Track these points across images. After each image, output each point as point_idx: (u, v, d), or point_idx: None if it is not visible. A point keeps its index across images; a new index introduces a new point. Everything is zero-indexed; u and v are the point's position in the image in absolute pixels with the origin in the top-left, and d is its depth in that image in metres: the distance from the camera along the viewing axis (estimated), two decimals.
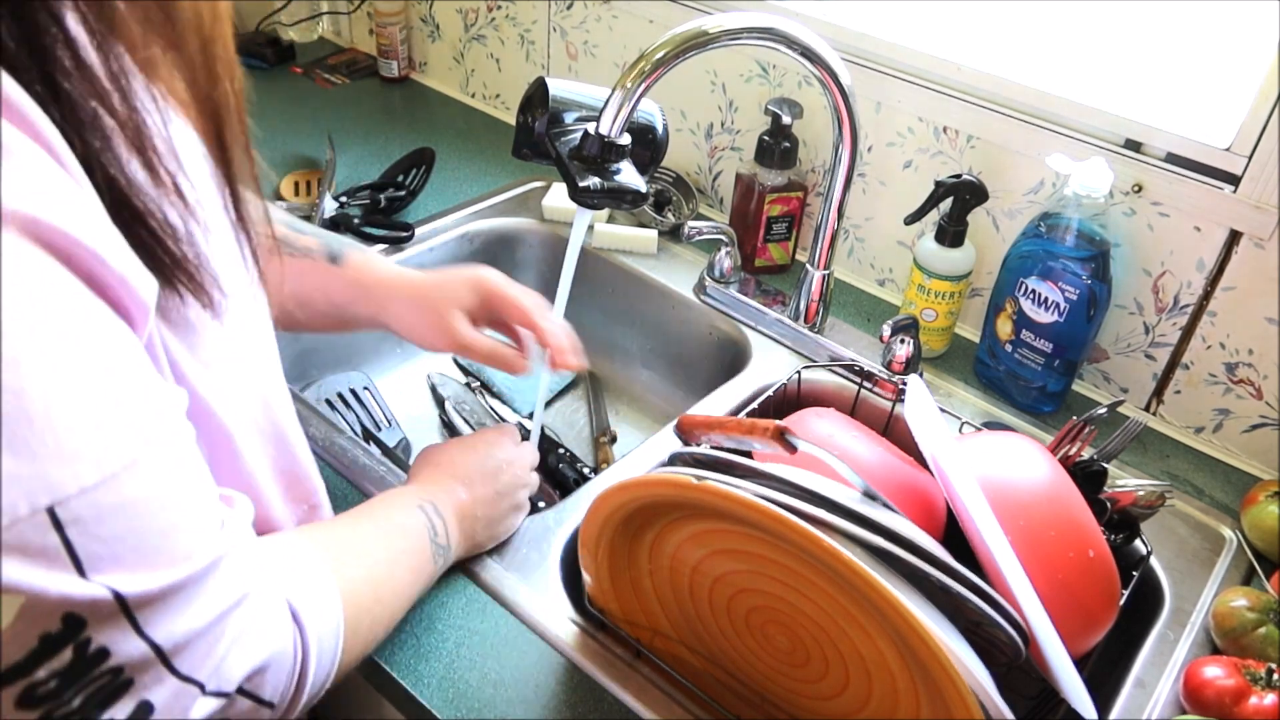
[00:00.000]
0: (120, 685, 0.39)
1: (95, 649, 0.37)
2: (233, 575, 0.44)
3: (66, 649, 0.37)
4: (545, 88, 0.81)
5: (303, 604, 0.49)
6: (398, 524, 0.67)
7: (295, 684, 0.48)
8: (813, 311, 1.05)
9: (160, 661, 0.40)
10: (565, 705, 0.70)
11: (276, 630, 0.46)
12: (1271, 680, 0.69)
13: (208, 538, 0.42)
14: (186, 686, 0.41)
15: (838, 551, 0.54)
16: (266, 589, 0.47)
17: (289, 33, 1.62)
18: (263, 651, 0.45)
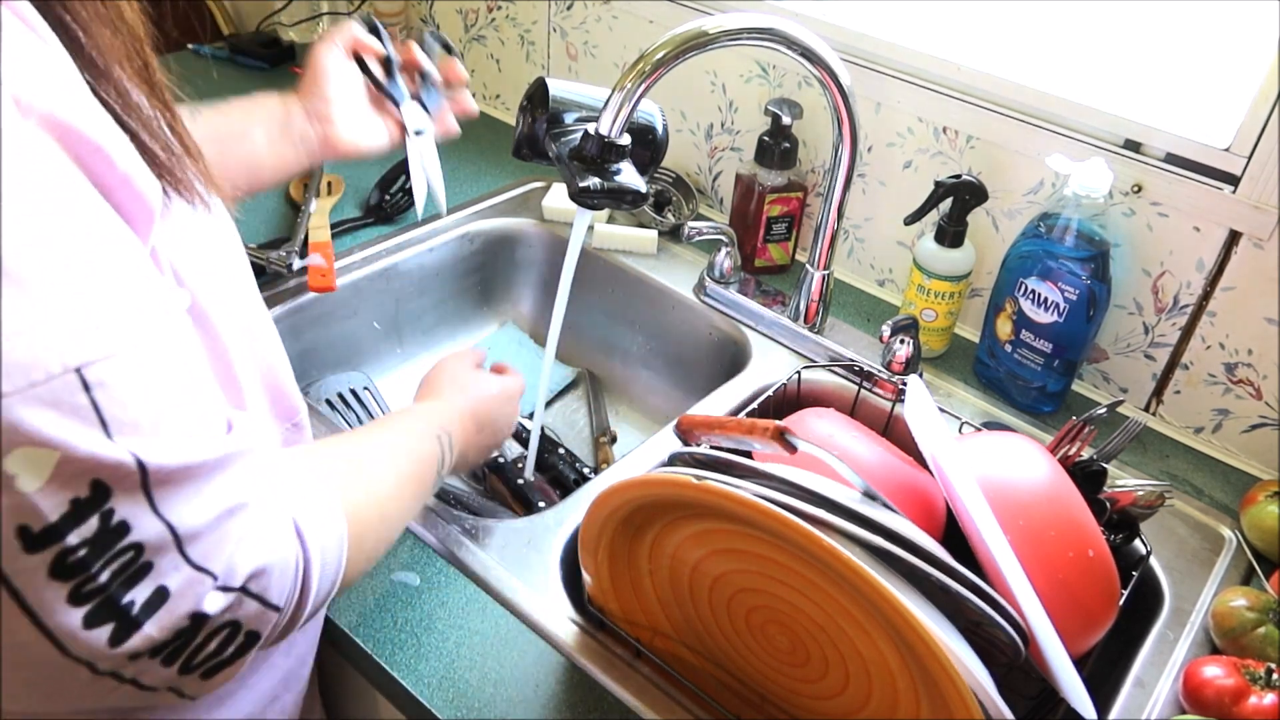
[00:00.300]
0: (141, 567, 0.41)
1: (118, 521, 0.40)
2: (241, 476, 0.46)
3: (93, 516, 0.39)
4: (545, 88, 0.81)
5: (306, 518, 0.51)
6: (414, 451, 0.69)
7: (299, 591, 0.50)
8: (813, 311, 1.05)
9: (175, 546, 0.42)
10: (565, 705, 0.70)
11: (280, 537, 0.48)
12: (1271, 680, 0.69)
13: (217, 431, 0.45)
14: (200, 575, 0.43)
15: (838, 551, 0.54)
16: (272, 498, 0.48)
17: (289, 33, 1.62)
18: (266, 555, 0.47)
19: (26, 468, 0.37)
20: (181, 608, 0.43)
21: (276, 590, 0.48)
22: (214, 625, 0.45)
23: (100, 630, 0.41)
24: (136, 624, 0.42)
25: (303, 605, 0.50)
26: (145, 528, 0.41)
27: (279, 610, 0.48)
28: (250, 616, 0.47)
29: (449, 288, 1.23)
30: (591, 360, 1.23)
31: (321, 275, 1.05)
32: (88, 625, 0.41)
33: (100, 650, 0.42)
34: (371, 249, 1.15)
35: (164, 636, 0.43)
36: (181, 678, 0.46)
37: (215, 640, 0.46)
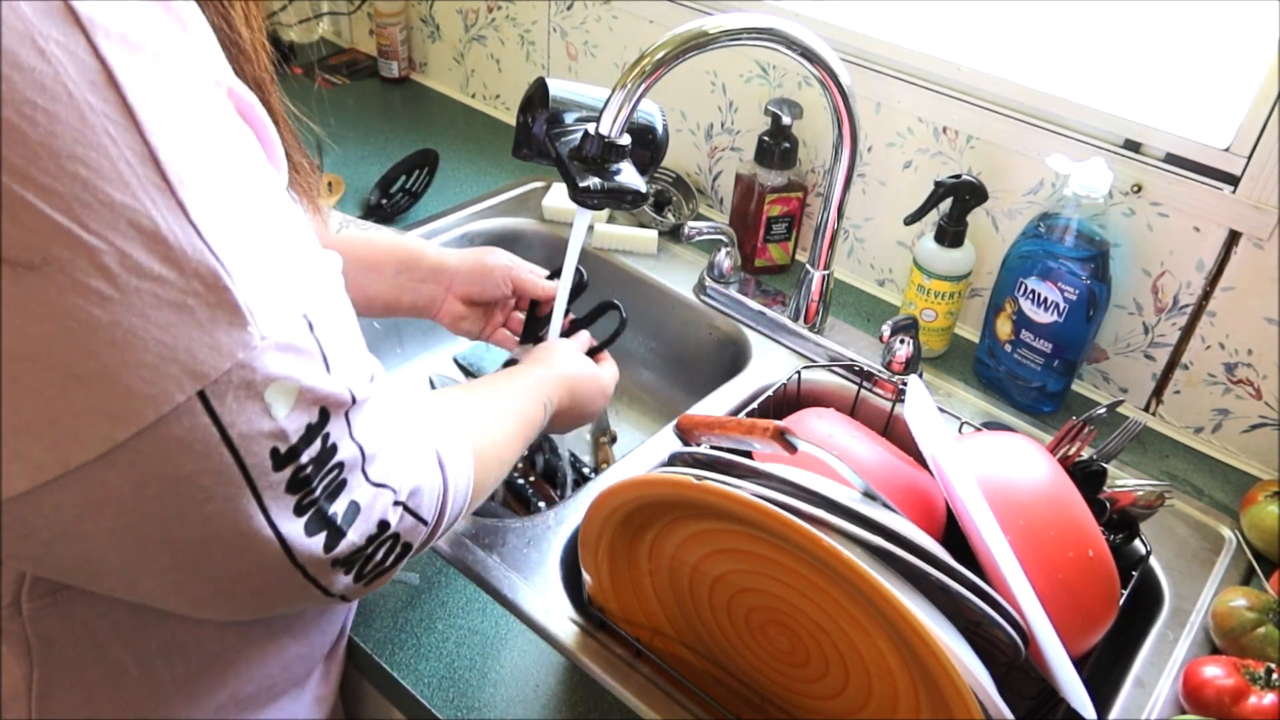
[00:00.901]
0: (340, 483, 0.48)
1: (330, 443, 0.46)
2: (399, 408, 0.53)
3: (318, 439, 0.45)
4: (545, 88, 0.81)
5: (446, 450, 0.58)
6: (524, 410, 0.75)
7: (439, 511, 0.56)
8: (813, 311, 1.05)
9: (360, 465, 0.49)
10: (565, 705, 0.70)
11: (428, 463, 0.55)
12: (1270, 680, 0.69)
13: (378, 372, 0.51)
14: (380, 490, 0.50)
15: (838, 551, 0.54)
16: (421, 430, 0.56)
17: (289, 33, 1.62)
18: (419, 476, 0.54)
19: (279, 398, 0.43)
20: (373, 517, 0.50)
21: (427, 507, 0.54)
22: (388, 535, 0.52)
23: (317, 538, 0.47)
24: (342, 532, 0.49)
25: (439, 524, 0.57)
26: (346, 448, 0.47)
27: (427, 525, 0.55)
28: (407, 529, 0.53)
29: None
30: None
31: None
32: (308, 533, 0.47)
33: (316, 555, 0.48)
34: None
35: (361, 543, 0.50)
36: (354, 584, 0.52)
37: (383, 550, 0.52)
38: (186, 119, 0.40)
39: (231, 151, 0.42)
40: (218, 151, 0.41)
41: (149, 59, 0.38)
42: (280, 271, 0.43)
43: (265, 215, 0.43)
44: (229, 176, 0.41)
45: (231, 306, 0.40)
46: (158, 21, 0.39)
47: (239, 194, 0.42)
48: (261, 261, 0.42)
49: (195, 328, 0.39)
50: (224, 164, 0.41)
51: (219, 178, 0.41)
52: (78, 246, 0.36)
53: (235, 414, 0.42)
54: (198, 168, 0.39)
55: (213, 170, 0.40)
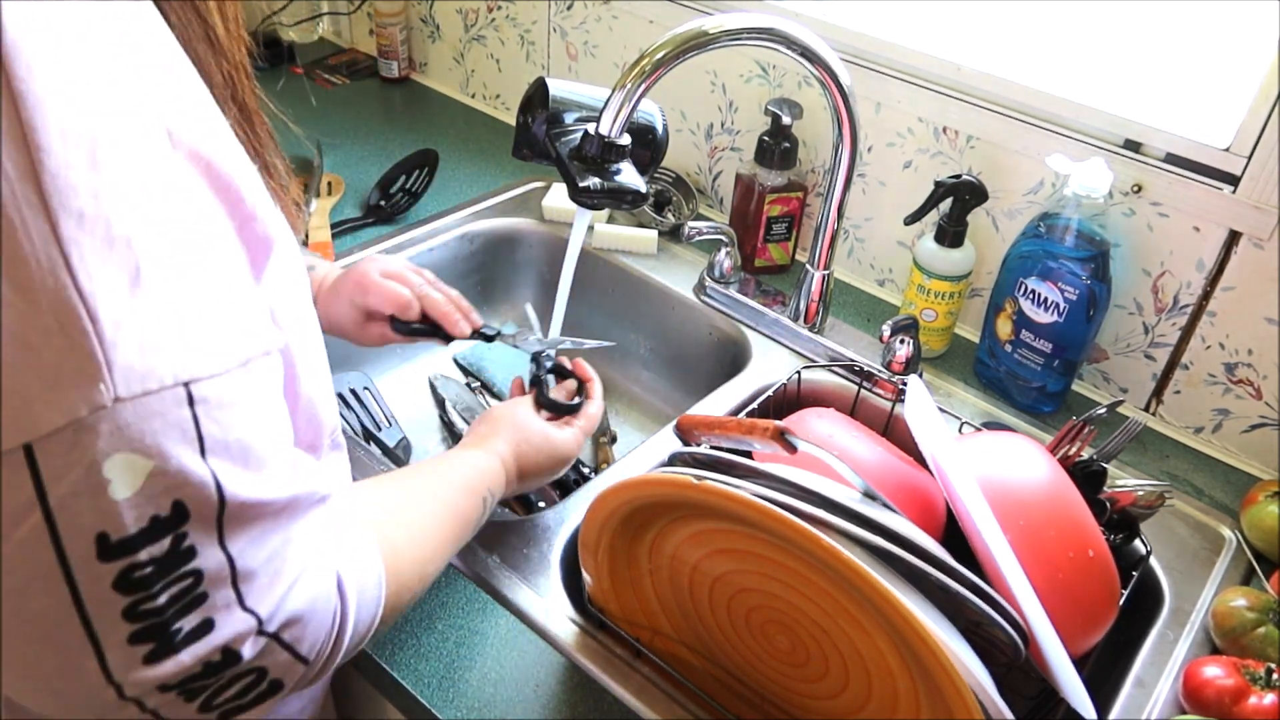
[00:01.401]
0: (196, 597, 0.42)
1: (186, 546, 0.40)
2: (298, 521, 0.46)
3: (167, 537, 0.40)
4: (545, 88, 0.81)
5: (348, 572, 0.51)
6: (459, 509, 0.69)
7: (331, 645, 0.50)
8: (813, 311, 1.05)
9: (230, 582, 0.43)
10: (565, 705, 0.70)
11: (322, 589, 0.48)
12: (1271, 680, 0.69)
13: (288, 471, 0.45)
14: (245, 615, 0.44)
15: (838, 551, 0.54)
16: (320, 548, 0.49)
17: (289, 33, 1.62)
18: (307, 604, 0.47)
19: (122, 474, 0.38)
20: (218, 641, 0.43)
21: (309, 643, 0.48)
22: (242, 668, 0.45)
23: (140, 648, 0.41)
24: (175, 649, 0.42)
25: (332, 658, 0.51)
26: (209, 557, 0.42)
27: (307, 664, 0.48)
28: (278, 665, 0.47)
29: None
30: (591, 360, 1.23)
31: None
32: (131, 641, 0.41)
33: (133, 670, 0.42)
34: (372, 249, 1.15)
35: (194, 667, 0.43)
36: (201, 715, 0.45)
37: (240, 683, 0.46)
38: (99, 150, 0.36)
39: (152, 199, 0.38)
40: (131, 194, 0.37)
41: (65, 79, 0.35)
42: (168, 333, 0.38)
43: (174, 273, 0.38)
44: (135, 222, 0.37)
45: (84, 354, 0.35)
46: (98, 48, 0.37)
47: (143, 242, 0.37)
48: (144, 316, 0.37)
49: (35, 371, 0.35)
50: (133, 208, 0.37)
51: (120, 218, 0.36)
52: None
53: (59, 480, 0.36)
54: (94, 200, 0.35)
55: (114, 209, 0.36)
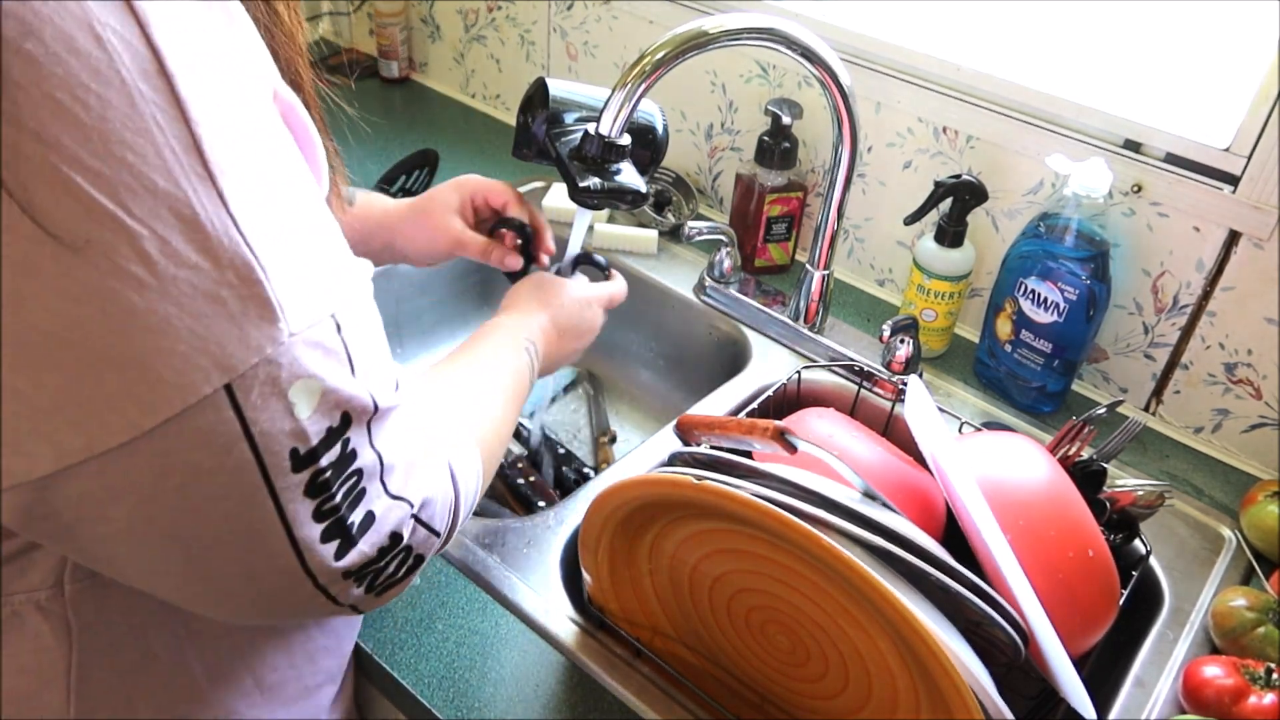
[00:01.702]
0: (360, 492, 0.47)
1: (350, 449, 0.46)
2: (418, 420, 0.53)
3: (338, 443, 0.45)
4: (545, 88, 0.81)
5: (455, 458, 0.57)
6: (510, 367, 0.74)
7: (451, 520, 0.56)
8: (813, 311, 1.05)
9: (379, 475, 0.48)
10: (565, 705, 0.70)
11: (440, 474, 0.55)
12: (1270, 680, 0.69)
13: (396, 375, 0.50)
14: (396, 502, 0.50)
15: (838, 551, 0.54)
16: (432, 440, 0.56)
17: None
18: (432, 488, 0.53)
19: (303, 397, 0.43)
20: (385, 529, 0.49)
21: (439, 519, 0.54)
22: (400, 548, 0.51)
23: (329, 545, 0.47)
24: (354, 541, 0.48)
25: (451, 533, 0.57)
26: (365, 456, 0.47)
27: (439, 535, 0.54)
28: (420, 542, 0.53)
29: (449, 288, 1.23)
30: (591, 360, 1.23)
31: None
32: (323, 540, 0.46)
33: (326, 564, 0.47)
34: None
35: (373, 554, 0.49)
36: (365, 596, 0.51)
37: (395, 562, 0.52)
38: (232, 112, 0.40)
39: (272, 150, 0.43)
40: (259, 147, 0.42)
41: (199, 51, 0.39)
42: (312, 271, 0.43)
43: (301, 215, 0.44)
44: (268, 173, 0.42)
45: (263, 301, 0.40)
46: (208, 17, 0.40)
47: (276, 191, 0.42)
48: (294, 259, 0.42)
49: (227, 320, 0.40)
50: (264, 160, 0.42)
51: (259, 173, 0.41)
52: (120, 231, 0.37)
53: (259, 410, 0.42)
54: (239, 161, 0.40)
55: (253, 165, 0.41)
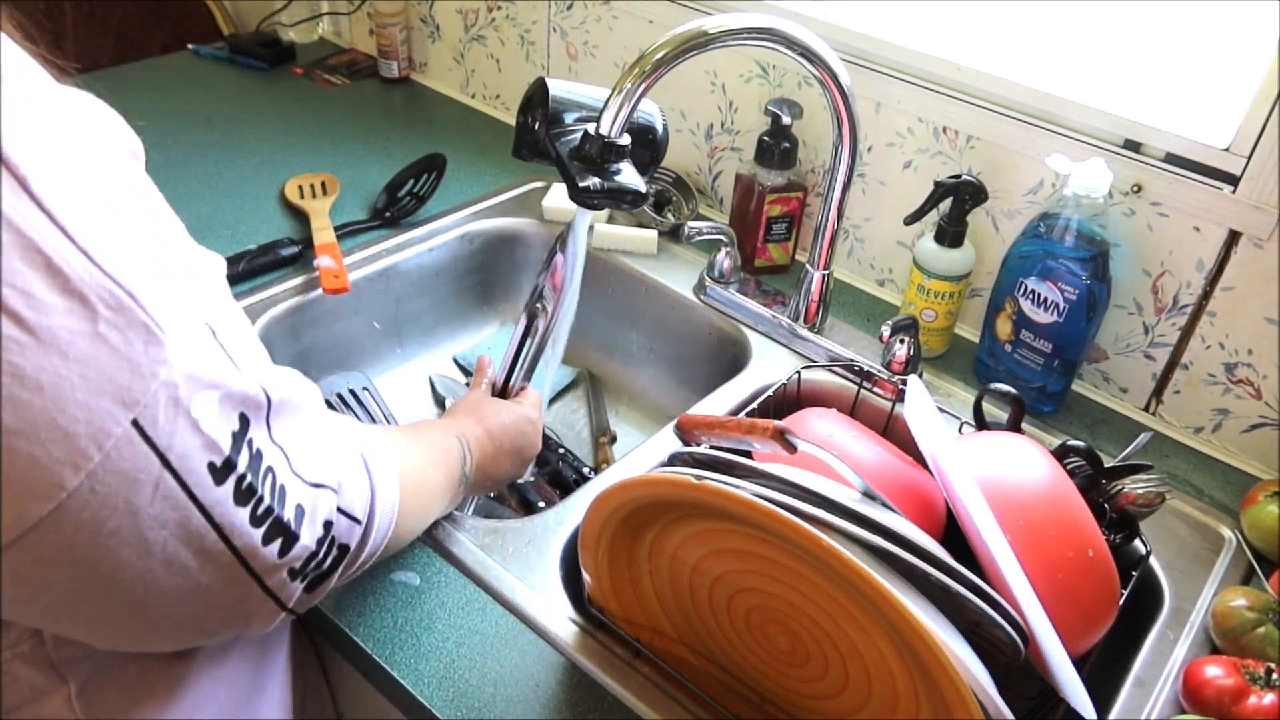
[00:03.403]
0: (281, 488, 0.48)
1: (255, 448, 0.46)
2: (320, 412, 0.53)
3: (243, 445, 0.45)
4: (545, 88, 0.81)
5: (370, 454, 0.58)
6: (438, 442, 0.75)
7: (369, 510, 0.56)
8: (812, 311, 1.05)
9: (289, 465, 0.48)
10: (565, 705, 0.70)
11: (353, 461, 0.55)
12: (1270, 680, 0.69)
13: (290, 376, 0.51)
14: (319, 490, 0.51)
15: (838, 551, 0.54)
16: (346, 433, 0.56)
17: (289, 33, 1.63)
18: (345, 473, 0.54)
19: (204, 409, 0.43)
20: (318, 518, 0.50)
21: (359, 506, 0.55)
22: (329, 535, 0.52)
23: (272, 545, 0.48)
24: (296, 536, 0.49)
25: (369, 529, 0.57)
26: (270, 452, 0.47)
27: (359, 522, 0.55)
28: (343, 531, 0.53)
29: (449, 288, 1.23)
30: (591, 360, 1.23)
31: (334, 276, 1.05)
32: (265, 542, 0.47)
33: (272, 563, 0.48)
34: (372, 249, 1.15)
35: (313, 546, 0.50)
36: (304, 594, 0.52)
37: (328, 554, 0.52)
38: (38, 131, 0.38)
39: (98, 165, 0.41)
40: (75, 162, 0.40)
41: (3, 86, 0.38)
42: (175, 281, 0.42)
43: (146, 225, 0.42)
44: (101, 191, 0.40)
45: (142, 325, 0.40)
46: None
47: (115, 207, 0.41)
48: (156, 274, 0.41)
49: (112, 354, 0.39)
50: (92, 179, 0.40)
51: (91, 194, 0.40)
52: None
53: (169, 435, 0.41)
54: (67, 187, 0.38)
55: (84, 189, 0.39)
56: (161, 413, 0.40)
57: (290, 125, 1.40)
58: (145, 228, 0.42)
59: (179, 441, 0.41)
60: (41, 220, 0.37)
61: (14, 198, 0.36)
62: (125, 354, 0.39)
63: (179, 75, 1.51)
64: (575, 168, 0.78)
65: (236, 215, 1.19)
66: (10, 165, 0.36)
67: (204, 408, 0.42)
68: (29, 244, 0.36)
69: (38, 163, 0.37)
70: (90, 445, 0.38)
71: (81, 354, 0.38)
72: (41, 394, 0.37)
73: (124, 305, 0.39)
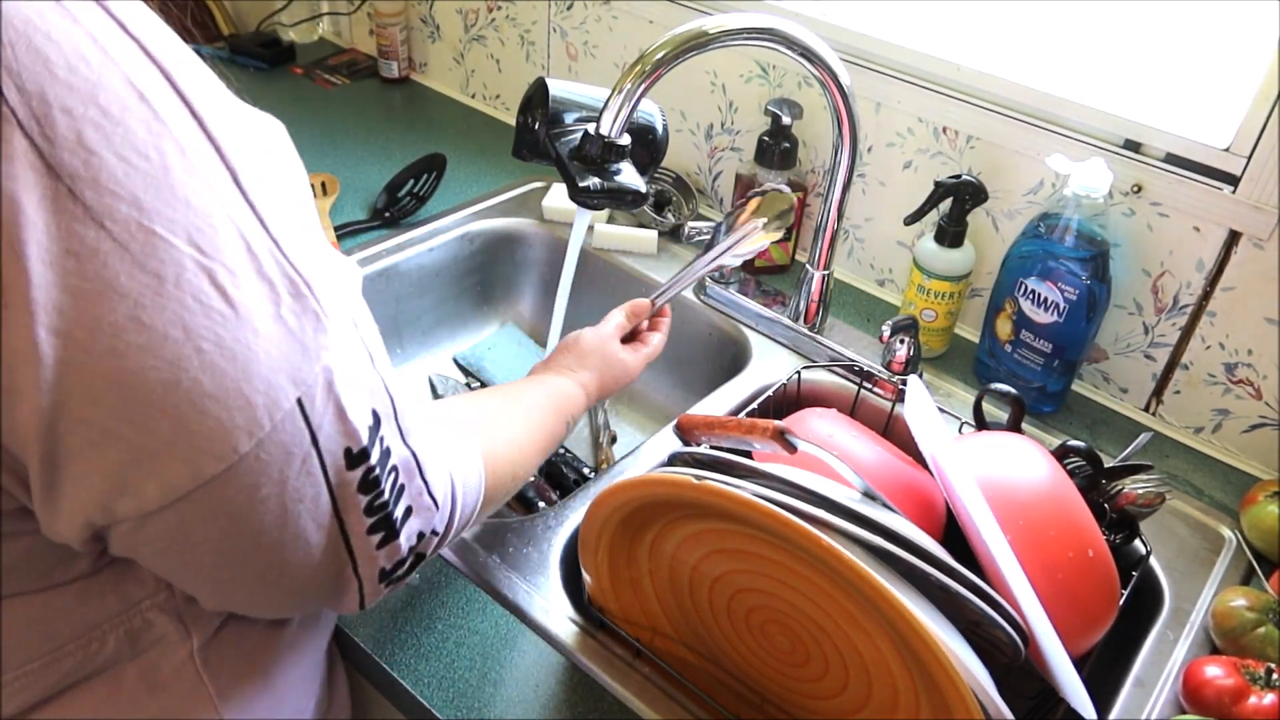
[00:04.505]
0: (400, 488, 0.50)
1: (386, 445, 0.48)
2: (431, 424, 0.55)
3: (377, 439, 0.48)
4: (545, 88, 0.81)
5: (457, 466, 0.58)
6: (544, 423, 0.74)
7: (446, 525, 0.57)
8: (812, 312, 1.05)
9: (419, 471, 0.51)
10: (565, 705, 0.70)
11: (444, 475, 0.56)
12: (1270, 680, 0.69)
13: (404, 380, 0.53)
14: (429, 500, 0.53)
15: (838, 551, 0.54)
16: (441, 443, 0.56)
17: (289, 33, 1.63)
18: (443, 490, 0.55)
19: (349, 397, 0.45)
20: (416, 526, 0.52)
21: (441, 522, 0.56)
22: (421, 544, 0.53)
23: (374, 537, 0.50)
24: (396, 534, 0.51)
25: (442, 542, 0.58)
26: (399, 452, 0.50)
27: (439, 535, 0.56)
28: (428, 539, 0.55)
29: (449, 288, 1.23)
30: None
31: None
32: (369, 532, 0.49)
33: (369, 554, 0.50)
34: (372, 249, 1.15)
35: (404, 550, 0.52)
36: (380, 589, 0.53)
37: (413, 559, 0.54)
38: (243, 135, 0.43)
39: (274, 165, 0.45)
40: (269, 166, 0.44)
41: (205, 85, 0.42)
42: (332, 277, 0.46)
43: (311, 224, 0.46)
44: (281, 190, 0.44)
45: (313, 313, 0.43)
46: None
47: (291, 206, 0.44)
48: (321, 269, 0.45)
49: (290, 336, 0.42)
50: (275, 178, 0.44)
51: (277, 192, 0.43)
52: (200, 270, 0.39)
53: (321, 416, 0.44)
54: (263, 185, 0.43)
55: (272, 185, 0.43)
56: (320, 394, 0.44)
57: (290, 125, 1.38)
58: (311, 226, 0.46)
59: (328, 423, 0.45)
60: (245, 209, 0.41)
61: (228, 189, 0.41)
62: (299, 337, 0.43)
63: None
64: (575, 168, 0.78)
65: None
66: (227, 160, 0.41)
67: (350, 396, 0.45)
68: (237, 230, 0.41)
69: (242, 158, 0.42)
70: (265, 415, 0.42)
71: (268, 331, 0.42)
72: (235, 363, 0.41)
73: (301, 292, 0.43)
